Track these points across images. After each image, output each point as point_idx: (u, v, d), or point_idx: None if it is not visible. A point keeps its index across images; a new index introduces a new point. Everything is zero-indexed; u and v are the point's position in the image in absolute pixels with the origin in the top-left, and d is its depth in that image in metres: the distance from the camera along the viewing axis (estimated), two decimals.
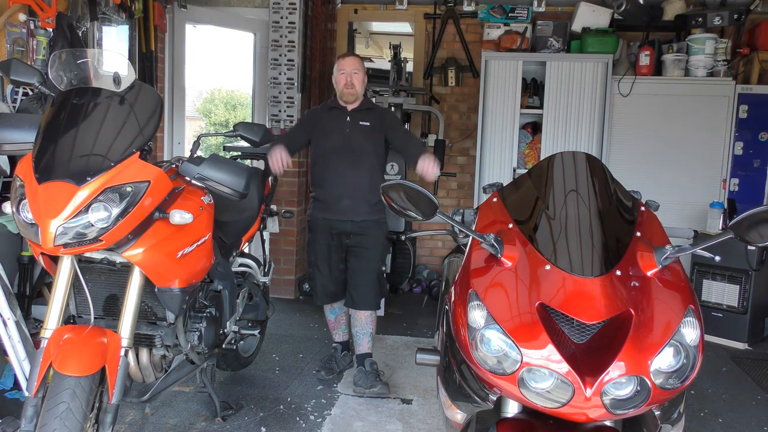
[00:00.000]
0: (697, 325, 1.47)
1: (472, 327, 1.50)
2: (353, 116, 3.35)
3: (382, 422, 3.00)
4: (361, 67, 3.38)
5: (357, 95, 3.36)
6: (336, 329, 3.63)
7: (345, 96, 3.34)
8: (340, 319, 3.59)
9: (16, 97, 3.16)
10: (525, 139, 5.30)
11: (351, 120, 3.33)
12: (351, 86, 3.31)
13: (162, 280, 2.18)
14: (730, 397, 3.49)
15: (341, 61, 3.39)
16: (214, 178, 2.20)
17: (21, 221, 1.95)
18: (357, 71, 3.34)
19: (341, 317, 3.59)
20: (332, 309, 3.55)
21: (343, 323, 3.60)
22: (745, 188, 4.96)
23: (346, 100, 3.35)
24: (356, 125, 3.33)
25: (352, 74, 3.32)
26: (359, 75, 3.34)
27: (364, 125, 3.33)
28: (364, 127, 3.33)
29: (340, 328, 3.62)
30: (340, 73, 3.34)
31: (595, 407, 1.38)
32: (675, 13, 4.96)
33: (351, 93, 3.33)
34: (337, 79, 3.36)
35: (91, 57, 2.29)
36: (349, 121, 3.33)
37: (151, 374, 2.40)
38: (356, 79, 3.32)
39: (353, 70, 3.34)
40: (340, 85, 3.34)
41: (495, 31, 5.28)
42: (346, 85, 3.31)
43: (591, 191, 1.83)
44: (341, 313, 3.56)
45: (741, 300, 4.34)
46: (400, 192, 1.61)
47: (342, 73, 3.33)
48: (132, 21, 4.23)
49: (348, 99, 3.34)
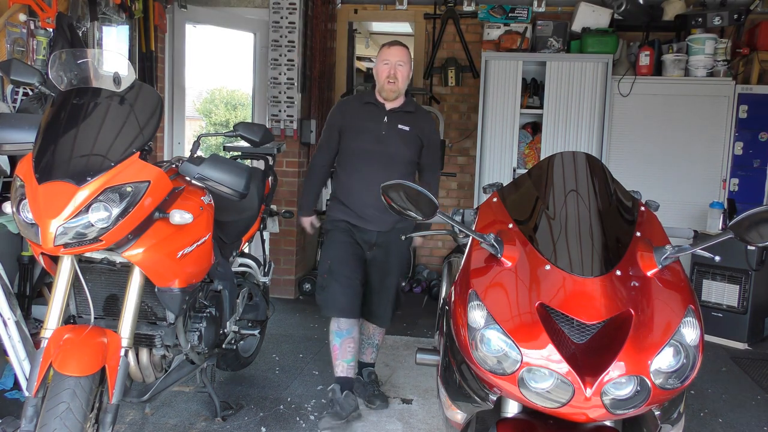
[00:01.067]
0: (697, 325, 1.47)
1: (472, 327, 1.50)
2: (391, 116, 2.98)
3: (382, 422, 3.00)
4: (407, 59, 2.98)
5: (399, 91, 2.97)
6: (340, 359, 2.95)
7: (385, 91, 2.95)
8: (347, 346, 2.95)
9: (16, 97, 3.16)
10: (525, 139, 5.31)
11: (389, 120, 2.97)
12: (394, 80, 2.92)
13: (162, 280, 2.18)
14: (730, 397, 3.49)
15: (385, 50, 2.99)
16: (214, 178, 2.20)
17: (21, 221, 1.95)
18: (402, 63, 2.94)
19: (349, 343, 2.95)
20: (339, 331, 2.94)
21: (350, 352, 2.96)
22: (745, 188, 4.96)
23: (385, 97, 2.97)
24: (394, 127, 2.97)
25: (397, 66, 2.92)
26: (404, 68, 2.95)
27: (402, 129, 2.98)
28: (402, 131, 2.98)
29: (345, 358, 2.95)
30: (383, 63, 2.94)
31: (595, 407, 1.38)
32: (675, 13, 4.96)
33: (393, 89, 2.94)
34: (379, 70, 2.96)
35: (91, 57, 2.29)
36: (386, 121, 2.96)
37: (151, 374, 2.40)
38: (400, 73, 2.92)
39: (398, 61, 2.93)
40: (382, 77, 2.94)
41: (495, 31, 5.28)
42: (389, 77, 2.91)
43: (591, 191, 1.83)
44: (349, 337, 2.94)
45: (741, 300, 4.34)
46: (400, 192, 1.61)
47: (385, 64, 2.93)
48: (132, 21, 4.23)
49: (388, 95, 2.96)
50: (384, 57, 2.95)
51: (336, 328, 2.96)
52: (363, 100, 3.06)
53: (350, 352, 2.95)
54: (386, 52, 2.96)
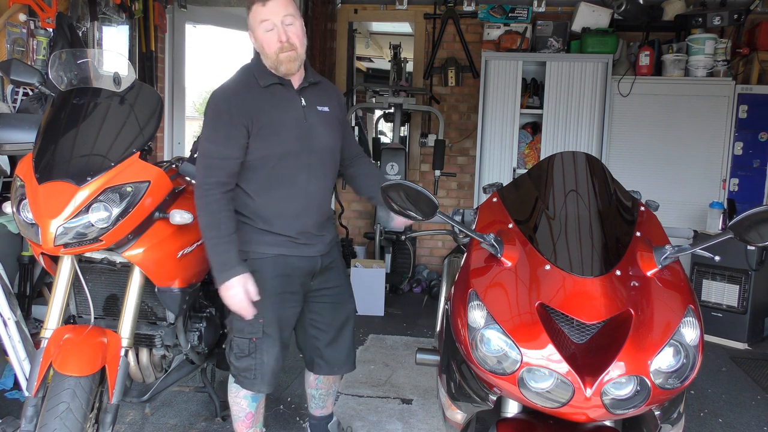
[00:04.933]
0: (696, 325, 1.47)
1: (472, 327, 1.50)
2: (305, 97, 2.16)
3: (382, 422, 3.00)
4: (294, 9, 2.09)
5: (300, 59, 2.10)
6: (253, 427, 2.31)
7: (284, 65, 2.06)
8: (261, 408, 2.34)
9: (16, 97, 3.16)
10: (525, 139, 5.31)
11: (306, 104, 2.15)
12: (290, 46, 2.04)
13: (162, 280, 2.18)
14: (730, 397, 3.49)
15: (259, 8, 2.03)
16: None
17: (21, 221, 1.95)
18: (292, 18, 2.06)
19: (262, 405, 2.34)
20: (257, 395, 2.26)
21: (262, 414, 2.36)
22: (745, 188, 4.96)
23: (285, 71, 2.08)
24: (313, 111, 2.16)
25: (285, 26, 2.04)
26: (296, 26, 2.08)
27: (322, 112, 2.19)
28: (322, 114, 2.18)
29: (258, 422, 2.33)
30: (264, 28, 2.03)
31: (594, 407, 1.38)
32: (675, 13, 4.96)
33: (291, 57, 2.06)
34: (263, 38, 2.05)
35: (91, 57, 2.29)
36: (304, 105, 2.14)
37: (151, 374, 2.40)
38: (293, 33, 2.05)
39: (284, 16, 2.04)
40: (271, 47, 2.04)
41: (495, 31, 5.29)
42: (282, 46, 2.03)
43: (591, 191, 1.83)
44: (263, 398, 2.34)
45: (741, 300, 4.34)
46: (400, 192, 1.60)
47: (269, 30, 2.03)
48: (132, 21, 4.24)
49: (289, 69, 2.08)
50: (261, 17, 2.03)
51: (253, 392, 2.23)
52: (260, 81, 2.10)
53: (262, 415, 2.36)
54: (261, 11, 2.03)
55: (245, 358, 2.15)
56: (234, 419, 2.32)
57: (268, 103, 2.09)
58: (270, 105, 2.09)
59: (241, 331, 2.14)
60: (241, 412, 2.29)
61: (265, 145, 2.07)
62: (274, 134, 2.08)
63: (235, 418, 2.31)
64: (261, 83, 2.10)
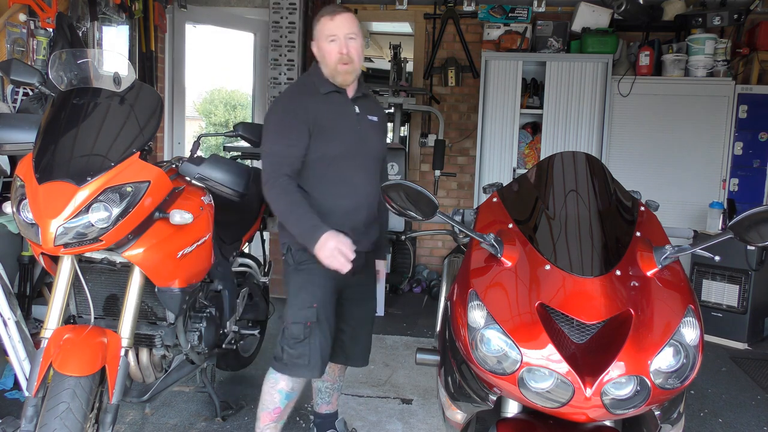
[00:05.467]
0: (696, 325, 1.47)
1: (472, 327, 1.50)
2: (359, 106, 2.36)
3: (382, 422, 3.00)
4: (358, 29, 2.28)
5: (357, 73, 2.30)
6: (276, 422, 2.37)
7: (340, 76, 2.25)
8: (288, 410, 2.40)
9: (16, 97, 3.16)
10: (525, 139, 5.31)
11: (360, 112, 2.35)
12: (348, 60, 2.24)
13: (162, 280, 2.19)
14: (730, 397, 3.49)
15: (327, 22, 2.23)
16: (214, 178, 2.20)
17: (21, 221, 1.95)
18: (354, 36, 2.25)
19: (291, 407, 2.41)
20: (291, 392, 2.35)
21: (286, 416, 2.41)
22: (745, 188, 4.96)
23: (341, 82, 2.28)
24: (365, 120, 2.37)
25: (348, 40, 2.23)
26: (357, 42, 2.26)
27: (372, 121, 2.40)
28: (372, 123, 2.40)
29: (281, 420, 2.40)
30: (328, 40, 2.22)
31: (594, 407, 1.38)
32: (675, 13, 4.96)
33: (349, 71, 2.25)
34: (325, 49, 2.24)
35: (91, 57, 2.29)
36: (357, 113, 2.34)
37: (151, 374, 2.40)
38: (354, 49, 2.24)
39: (348, 33, 2.23)
40: (332, 59, 2.23)
41: (495, 31, 5.29)
42: (342, 58, 2.23)
43: (591, 191, 1.83)
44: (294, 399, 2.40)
45: (741, 300, 4.34)
46: (400, 192, 1.60)
47: (332, 41, 2.22)
48: (132, 21, 4.24)
49: (345, 80, 2.27)
50: (328, 32, 2.23)
51: (288, 389, 2.32)
52: (320, 88, 2.29)
53: (288, 415, 2.42)
54: (329, 25, 2.22)
55: (299, 344, 2.24)
56: (261, 408, 2.36)
57: (327, 108, 2.26)
58: (328, 110, 2.26)
59: (296, 316, 2.25)
60: (271, 404, 2.34)
61: (323, 146, 2.24)
62: (332, 136, 2.25)
63: (262, 408, 2.36)
64: (321, 90, 2.29)
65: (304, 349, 2.24)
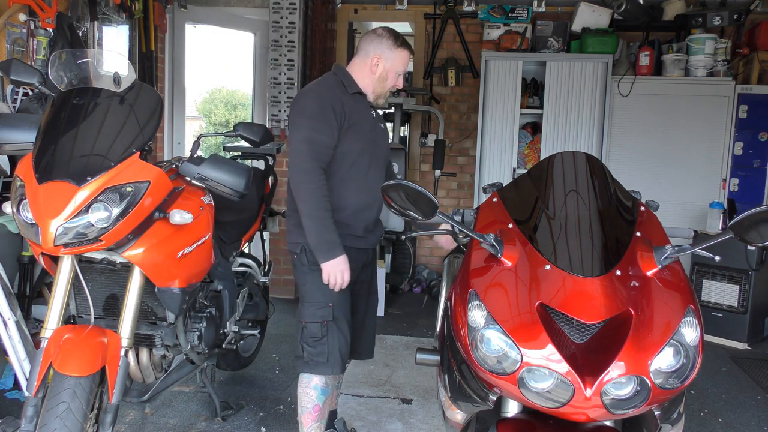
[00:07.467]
0: (696, 324, 1.47)
1: (472, 327, 1.50)
2: (375, 110, 2.56)
3: (382, 422, 3.00)
4: None
5: None
6: (318, 421, 2.40)
7: (382, 98, 2.51)
8: (328, 403, 2.46)
9: (16, 97, 3.16)
10: (525, 139, 5.31)
11: (375, 115, 2.55)
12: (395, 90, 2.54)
13: (162, 280, 2.18)
14: (730, 397, 3.49)
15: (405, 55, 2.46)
16: (214, 178, 2.20)
17: (21, 221, 1.95)
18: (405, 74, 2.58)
19: (331, 399, 2.52)
20: (326, 387, 2.39)
21: (326, 413, 2.47)
22: (745, 188, 4.96)
23: (378, 103, 2.53)
24: (379, 122, 2.57)
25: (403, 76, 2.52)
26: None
27: (381, 126, 2.59)
28: (383, 128, 2.61)
29: (323, 419, 2.43)
30: (395, 71, 2.46)
31: (595, 407, 1.38)
32: (675, 13, 4.96)
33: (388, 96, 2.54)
34: (389, 75, 2.44)
35: (91, 57, 2.29)
36: (374, 116, 2.53)
37: (151, 374, 2.40)
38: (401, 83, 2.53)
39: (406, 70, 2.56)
40: (388, 84, 2.46)
41: (495, 31, 5.29)
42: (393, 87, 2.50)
43: (591, 191, 1.83)
44: (332, 392, 2.51)
45: (741, 300, 4.34)
46: (400, 192, 1.60)
47: (398, 74, 2.48)
48: (132, 21, 4.24)
49: (381, 102, 2.52)
50: (402, 66, 2.47)
51: (323, 384, 2.37)
52: (347, 88, 2.42)
53: (328, 410, 2.50)
54: (405, 60, 2.47)
55: (318, 342, 2.31)
56: (301, 411, 2.39)
57: (353, 106, 2.39)
58: (354, 108, 2.39)
59: (313, 316, 2.32)
60: (309, 403, 2.37)
61: (348, 142, 2.34)
62: (357, 132, 2.36)
63: (302, 410, 2.38)
64: (348, 90, 2.41)
65: (322, 348, 2.30)
